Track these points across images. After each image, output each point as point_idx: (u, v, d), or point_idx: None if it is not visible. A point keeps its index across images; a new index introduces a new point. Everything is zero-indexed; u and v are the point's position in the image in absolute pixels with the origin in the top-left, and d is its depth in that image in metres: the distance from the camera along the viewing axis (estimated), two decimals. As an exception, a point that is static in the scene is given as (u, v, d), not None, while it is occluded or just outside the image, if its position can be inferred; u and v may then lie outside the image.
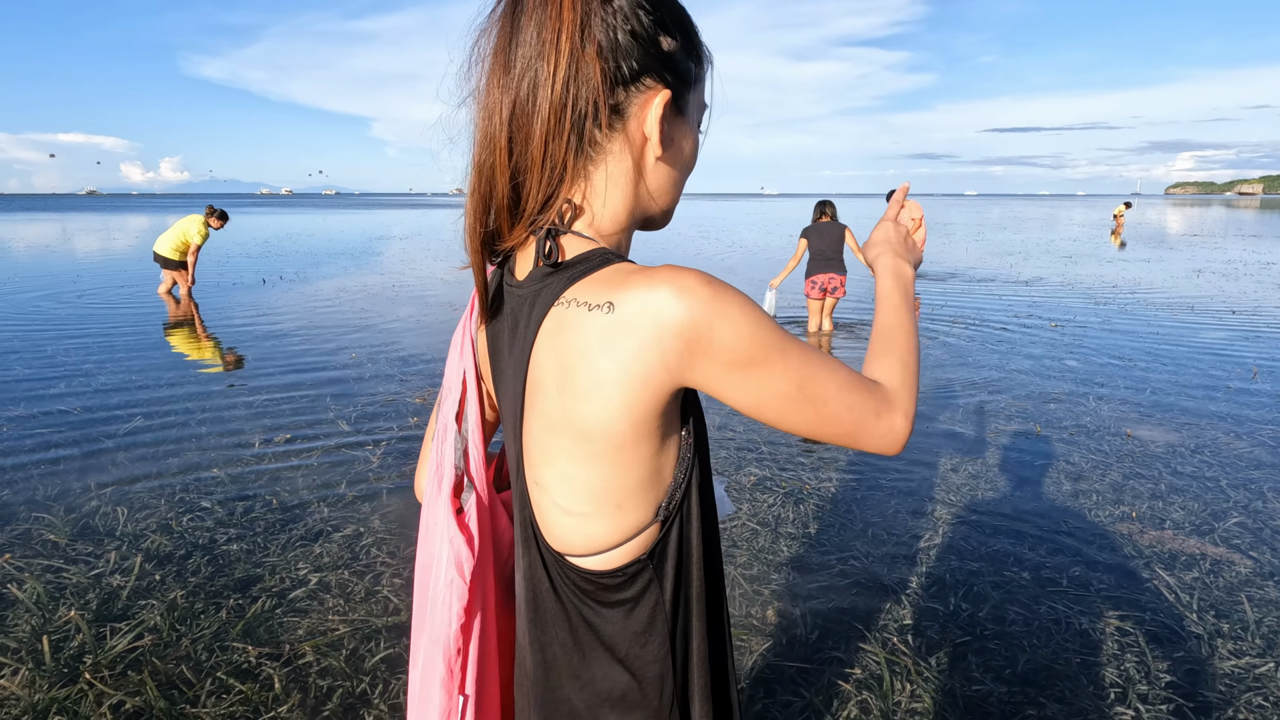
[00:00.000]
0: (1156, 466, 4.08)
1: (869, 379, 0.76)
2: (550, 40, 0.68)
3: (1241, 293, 11.01)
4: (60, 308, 9.54)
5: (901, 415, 0.76)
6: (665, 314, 0.64)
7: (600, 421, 0.68)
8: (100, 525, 3.37)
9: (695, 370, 0.66)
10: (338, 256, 17.77)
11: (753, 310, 0.67)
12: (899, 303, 0.91)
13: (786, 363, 0.68)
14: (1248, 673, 2.38)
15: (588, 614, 0.76)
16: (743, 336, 0.65)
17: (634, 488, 0.72)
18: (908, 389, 0.79)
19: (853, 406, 0.72)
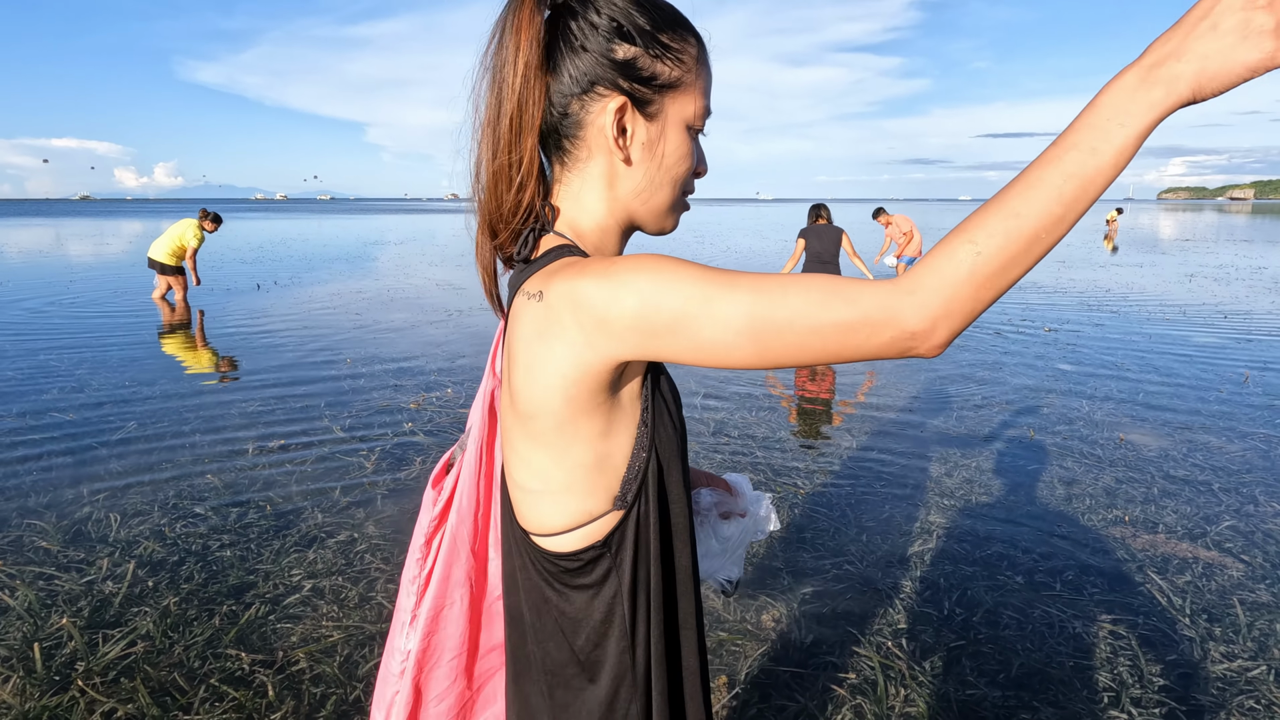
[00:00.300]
0: (1149, 470, 4.10)
1: (854, 280, 0.64)
2: (511, 54, 0.74)
3: (1233, 297, 11.07)
4: (53, 313, 9.51)
5: (915, 309, 0.60)
6: (579, 297, 0.68)
7: (539, 401, 0.72)
8: (92, 532, 3.36)
9: (620, 344, 0.68)
10: (332, 262, 17.75)
11: (657, 273, 0.66)
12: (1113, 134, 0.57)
13: (713, 311, 0.65)
14: (1240, 675, 2.39)
15: (551, 595, 0.79)
16: (652, 302, 0.65)
17: (579, 470, 0.74)
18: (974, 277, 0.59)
19: (823, 328, 0.63)
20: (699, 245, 22.81)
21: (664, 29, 0.78)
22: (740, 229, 35.50)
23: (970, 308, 0.60)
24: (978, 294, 0.59)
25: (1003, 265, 0.59)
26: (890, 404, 5.38)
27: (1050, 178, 0.57)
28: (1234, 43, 0.54)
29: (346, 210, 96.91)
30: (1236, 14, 0.54)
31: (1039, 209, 0.58)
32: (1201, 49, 0.54)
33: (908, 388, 5.83)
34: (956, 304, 0.60)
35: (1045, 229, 0.58)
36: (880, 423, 4.94)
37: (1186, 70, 0.55)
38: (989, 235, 0.58)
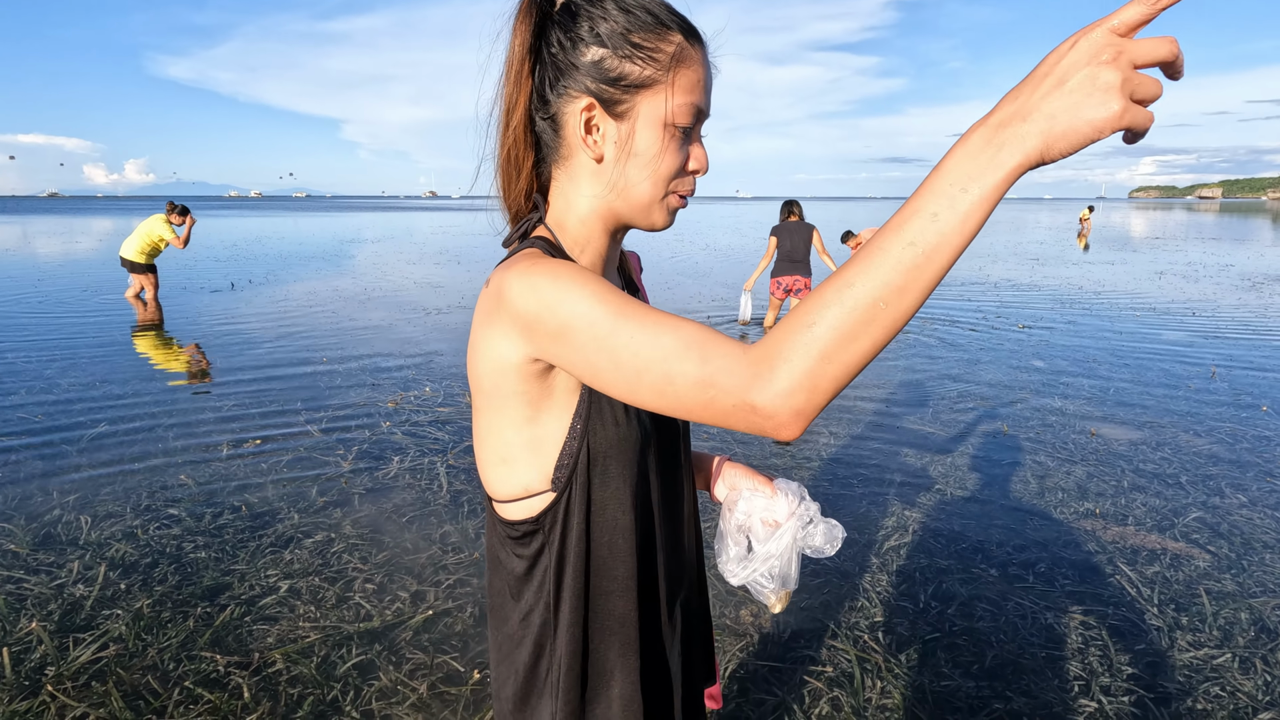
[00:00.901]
0: (1119, 464, 4.18)
1: (720, 339, 0.63)
2: (508, 55, 0.82)
3: (1201, 294, 11.30)
4: (20, 312, 9.32)
5: (765, 389, 0.58)
6: (503, 294, 0.73)
7: (477, 379, 0.80)
8: (63, 534, 3.30)
9: (528, 342, 0.74)
10: (308, 260, 17.56)
11: (564, 283, 0.70)
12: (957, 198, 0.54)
13: (594, 331, 0.67)
14: (1206, 664, 2.45)
15: (502, 555, 0.88)
16: (547, 308, 0.70)
17: (512, 447, 0.82)
18: (812, 355, 0.56)
19: (680, 376, 0.63)
20: (679, 244, 22.84)
21: (637, 29, 0.79)
22: (720, 227, 35.60)
23: (820, 387, 0.57)
24: (824, 373, 0.56)
25: (843, 341, 0.56)
26: (866, 400, 5.43)
27: (890, 246, 0.55)
28: (1080, 100, 0.50)
29: (323, 208, 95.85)
30: (1083, 70, 0.50)
31: (877, 280, 0.55)
32: (1048, 108, 0.51)
33: (884, 385, 5.89)
34: (802, 389, 0.57)
35: (885, 300, 0.55)
36: (857, 419, 4.98)
37: (1033, 130, 0.51)
38: (825, 312, 0.56)
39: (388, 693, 2.29)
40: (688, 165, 0.84)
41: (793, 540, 0.92)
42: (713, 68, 0.85)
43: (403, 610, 2.73)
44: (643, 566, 0.88)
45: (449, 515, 3.50)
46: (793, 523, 0.92)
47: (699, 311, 9.32)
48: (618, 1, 0.80)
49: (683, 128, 0.81)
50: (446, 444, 4.45)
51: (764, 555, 0.92)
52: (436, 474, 3.99)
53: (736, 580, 0.94)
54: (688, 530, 0.99)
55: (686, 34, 0.81)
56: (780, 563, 0.92)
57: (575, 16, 0.80)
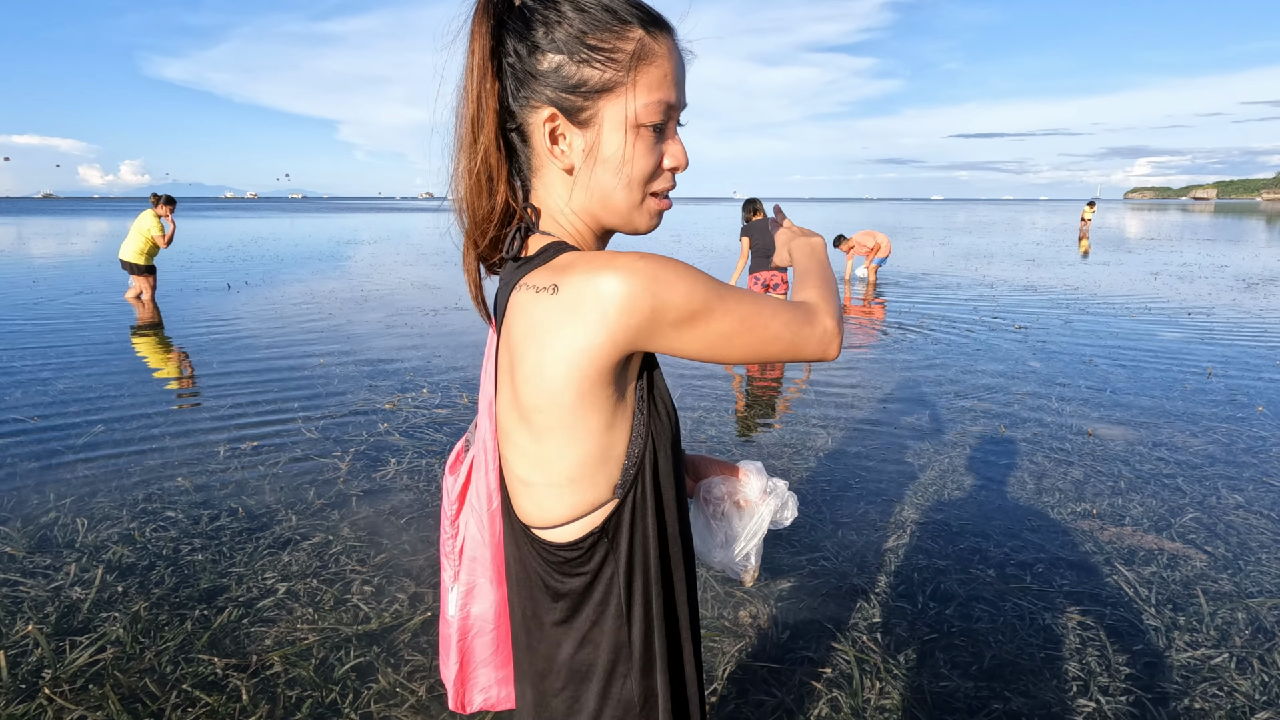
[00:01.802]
0: (1116, 465, 4.19)
1: (795, 301, 0.85)
2: (468, 62, 0.78)
3: (1197, 295, 11.33)
4: (16, 314, 9.29)
5: (828, 318, 0.83)
6: (607, 292, 0.70)
7: (547, 394, 0.73)
8: (59, 537, 3.29)
9: (650, 336, 0.73)
10: (305, 261, 17.53)
11: (686, 271, 0.73)
12: (809, 254, 0.99)
13: (725, 305, 0.75)
14: (1203, 664, 2.46)
15: (553, 584, 0.82)
16: (684, 295, 0.72)
17: (586, 462, 0.76)
18: (828, 302, 0.86)
19: (788, 323, 0.80)
20: (676, 245, 22.85)
21: (593, 30, 0.76)
22: (716, 228, 35.61)
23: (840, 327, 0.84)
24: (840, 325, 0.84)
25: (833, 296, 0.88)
26: (864, 402, 5.44)
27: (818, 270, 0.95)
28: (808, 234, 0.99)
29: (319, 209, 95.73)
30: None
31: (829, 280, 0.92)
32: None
33: (882, 386, 5.90)
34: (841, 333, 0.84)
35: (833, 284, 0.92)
36: (855, 420, 4.99)
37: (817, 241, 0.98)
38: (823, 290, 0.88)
39: (386, 695, 2.29)
40: (664, 163, 0.81)
41: (770, 517, 0.98)
42: (686, 54, 0.81)
43: (401, 612, 2.73)
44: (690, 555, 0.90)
45: (447, 517, 3.50)
46: (771, 500, 0.99)
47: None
48: (573, 1, 0.76)
49: (653, 125, 0.78)
50: (444, 445, 4.44)
51: (748, 534, 0.98)
52: (434, 476, 3.99)
53: (719, 565, 0.99)
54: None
55: (648, 25, 0.77)
56: (759, 540, 0.99)
57: (529, 22, 0.76)
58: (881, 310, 9.83)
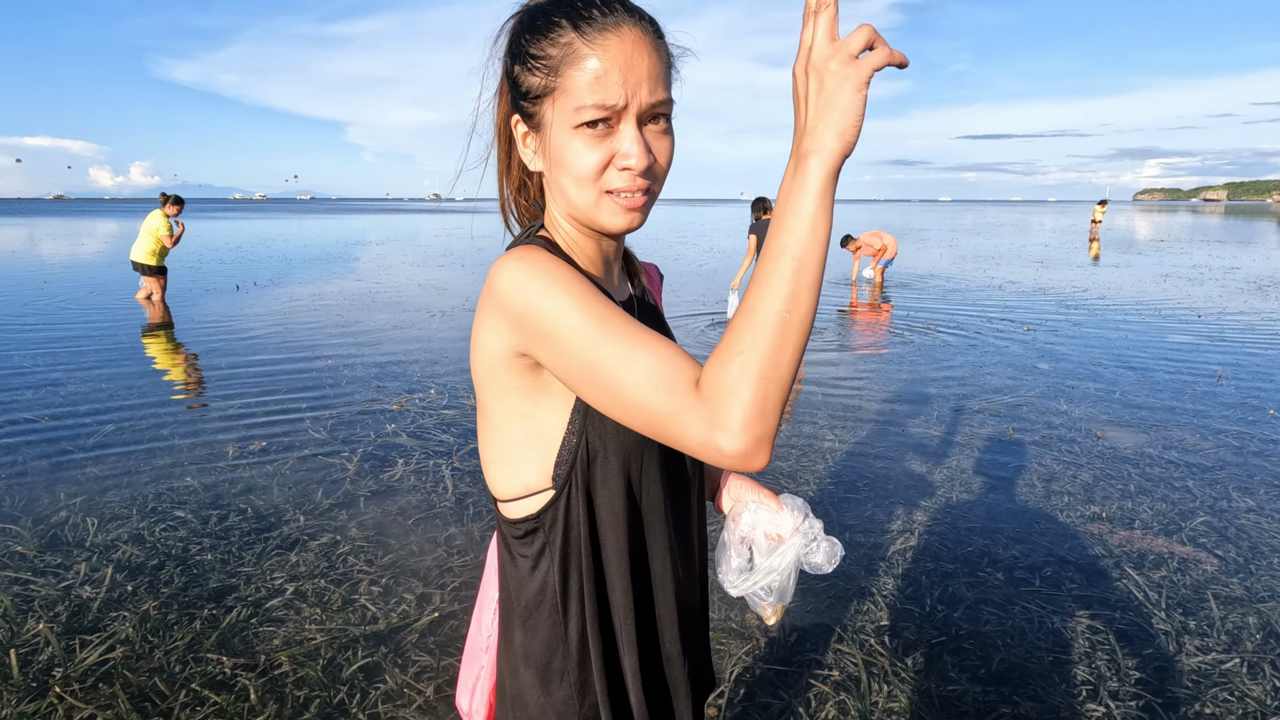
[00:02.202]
0: (1125, 468, 4.16)
1: (689, 372, 0.66)
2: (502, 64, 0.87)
3: (1207, 297, 11.26)
4: (27, 315, 9.35)
5: (725, 430, 0.62)
6: (495, 286, 0.75)
7: (476, 375, 0.82)
8: (69, 536, 3.31)
9: (516, 336, 0.75)
10: (313, 262, 17.60)
11: (551, 286, 0.72)
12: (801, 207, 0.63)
13: (575, 343, 0.70)
14: (1214, 669, 2.44)
15: (506, 558, 0.90)
16: (535, 308, 0.72)
17: (510, 444, 0.83)
18: (750, 380, 0.62)
19: (654, 388, 0.66)
20: (682, 246, 22.86)
21: (533, 38, 0.79)
22: (723, 229, 35.59)
23: (769, 408, 0.62)
24: (768, 393, 0.62)
25: (771, 357, 0.62)
26: (871, 404, 5.42)
27: (773, 267, 0.63)
28: (834, 91, 0.61)
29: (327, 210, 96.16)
30: (825, 74, 0.62)
31: (774, 296, 0.62)
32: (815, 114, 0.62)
33: (889, 387, 5.88)
34: (756, 416, 0.62)
35: (787, 309, 0.62)
36: (862, 423, 4.98)
37: (824, 135, 0.62)
38: (745, 338, 0.63)
39: (394, 695, 2.29)
40: (614, 161, 0.78)
41: (796, 556, 0.92)
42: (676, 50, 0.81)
43: (408, 613, 2.74)
44: (643, 567, 0.89)
45: (454, 518, 3.51)
46: (796, 539, 0.92)
47: (704, 312, 9.32)
48: (535, 9, 0.80)
49: (589, 123, 0.76)
50: (451, 446, 4.45)
51: (766, 569, 0.92)
52: (442, 476, 4.00)
53: (735, 591, 0.94)
54: (695, 534, 0.98)
55: (583, 24, 0.75)
56: (780, 577, 0.92)
57: (510, 34, 0.83)
58: (888, 312, 9.80)
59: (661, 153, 0.80)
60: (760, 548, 0.94)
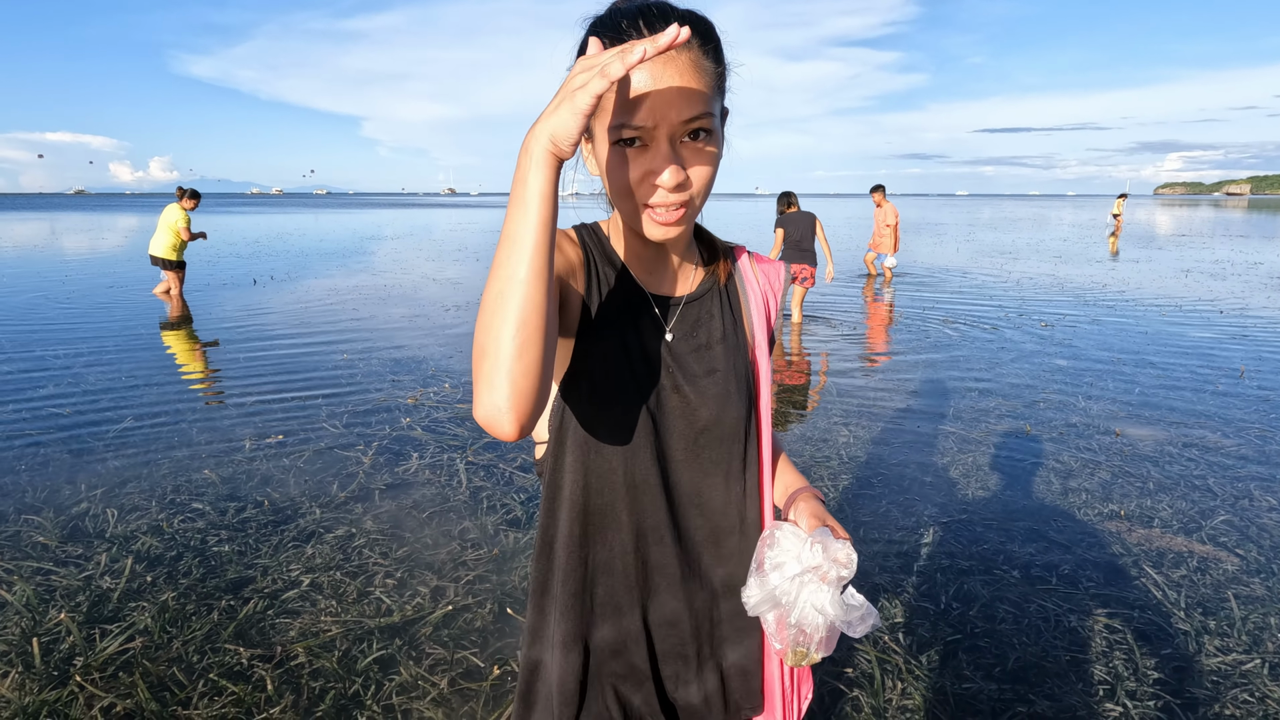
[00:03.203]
0: (1145, 465, 4.12)
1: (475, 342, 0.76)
2: None
3: (1229, 292, 11.10)
4: (49, 308, 9.48)
5: (476, 403, 0.72)
6: None
7: None
8: (90, 527, 3.35)
9: None
10: (329, 256, 17.71)
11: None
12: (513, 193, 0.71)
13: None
14: (1234, 669, 2.41)
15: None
16: None
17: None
18: (477, 356, 0.73)
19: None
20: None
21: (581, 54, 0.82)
22: (739, 224, 35.48)
23: (493, 379, 0.70)
24: (490, 364, 0.70)
25: (483, 327, 0.71)
26: (887, 399, 5.39)
27: (498, 257, 0.71)
28: (559, 102, 0.67)
29: (343, 205, 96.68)
30: (564, 85, 0.69)
31: (492, 274, 0.71)
32: (547, 112, 0.68)
33: (905, 383, 5.84)
34: (484, 386, 0.71)
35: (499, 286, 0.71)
36: (877, 418, 4.95)
37: (540, 129, 0.68)
38: (477, 323, 0.73)
39: (408, 687, 2.31)
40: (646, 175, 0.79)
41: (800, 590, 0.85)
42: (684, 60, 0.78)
43: (423, 605, 2.75)
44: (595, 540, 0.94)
45: (468, 511, 3.52)
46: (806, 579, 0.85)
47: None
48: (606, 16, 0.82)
49: (623, 140, 0.78)
50: (466, 440, 4.47)
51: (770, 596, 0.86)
52: (456, 470, 4.01)
53: (749, 607, 0.89)
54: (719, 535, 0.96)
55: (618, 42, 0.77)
56: (800, 616, 0.86)
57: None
58: (889, 308, 9.73)
59: (698, 170, 0.80)
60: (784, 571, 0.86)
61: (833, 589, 0.85)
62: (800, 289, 8.24)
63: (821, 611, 0.85)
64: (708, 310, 0.97)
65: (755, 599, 0.88)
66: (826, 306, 9.65)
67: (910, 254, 17.94)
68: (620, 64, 0.64)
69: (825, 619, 0.85)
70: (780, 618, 0.87)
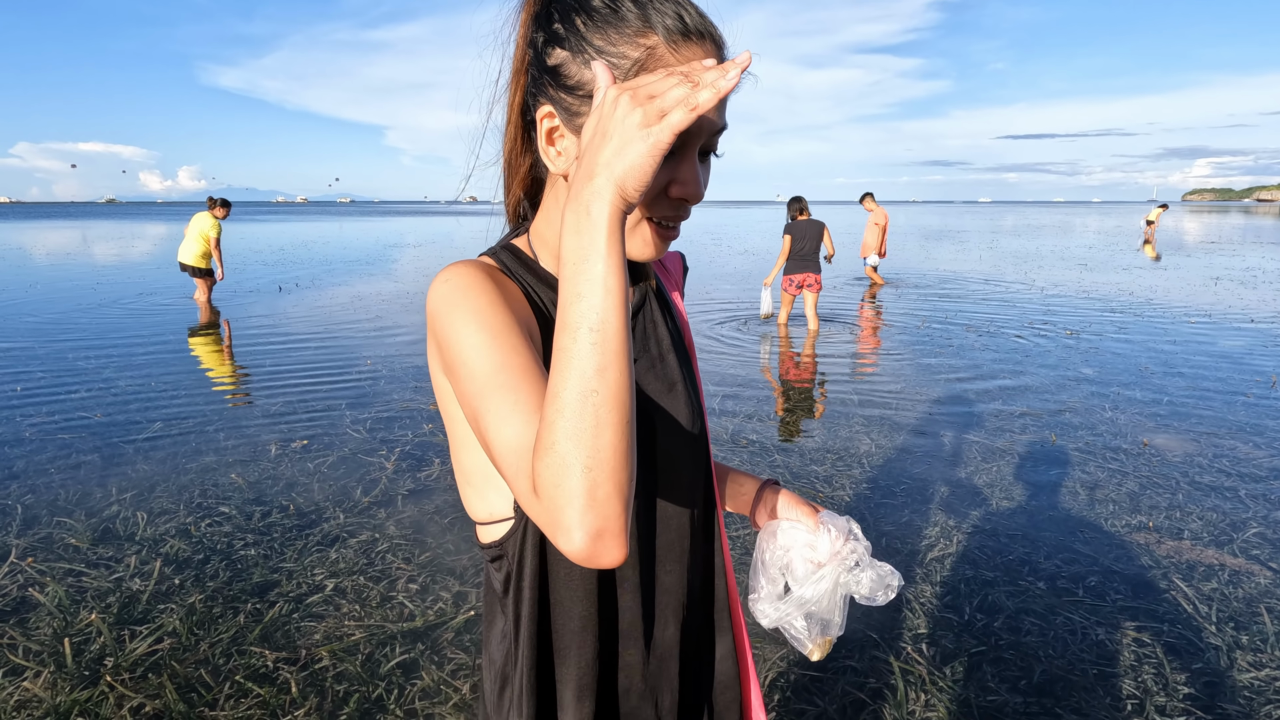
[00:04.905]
0: (1174, 476, 4.05)
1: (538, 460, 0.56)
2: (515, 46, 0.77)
3: (1261, 300, 10.90)
4: (81, 315, 9.68)
5: (560, 530, 0.54)
6: (427, 302, 0.71)
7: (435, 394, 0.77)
8: (120, 530, 3.41)
9: (441, 359, 0.70)
10: (353, 264, 17.92)
11: (468, 314, 0.66)
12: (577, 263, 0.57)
13: (471, 384, 0.64)
14: (1268, 685, 2.36)
15: (490, 576, 0.82)
16: (446, 336, 0.67)
17: (475, 469, 0.77)
18: (570, 475, 0.54)
19: (510, 477, 0.60)
20: (716, 249, 22.79)
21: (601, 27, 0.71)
22: (758, 231, 35.42)
23: (600, 497, 0.54)
24: (597, 483, 0.54)
25: (587, 444, 0.54)
26: (910, 408, 5.35)
27: (569, 344, 0.56)
28: (623, 141, 0.55)
29: (367, 213, 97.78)
30: (613, 120, 0.56)
31: (577, 375, 0.55)
32: (603, 159, 0.56)
33: (927, 392, 5.79)
34: (590, 514, 0.54)
35: (594, 387, 0.55)
36: (899, 427, 4.91)
37: (601, 182, 0.56)
38: (555, 428, 0.54)
39: (431, 692, 2.32)
40: (670, 190, 0.69)
41: (834, 585, 0.81)
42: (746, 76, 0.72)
43: (445, 610, 2.77)
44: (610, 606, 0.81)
45: (490, 517, 3.54)
46: (834, 565, 0.82)
47: (738, 314, 9.27)
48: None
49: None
50: (487, 447, 4.50)
51: (799, 599, 0.82)
52: (477, 476, 4.04)
53: (767, 622, 0.84)
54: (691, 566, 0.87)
55: (674, 34, 0.66)
56: (819, 608, 0.82)
57: (550, 11, 0.70)
58: (875, 311, 9.65)
59: (706, 185, 0.73)
60: (796, 574, 0.83)
61: (863, 568, 0.82)
62: (811, 295, 8.25)
63: (858, 593, 0.81)
64: (651, 320, 0.87)
65: (773, 613, 0.82)
66: (843, 314, 9.61)
67: (933, 261, 17.80)
68: (712, 93, 0.54)
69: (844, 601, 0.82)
70: (805, 617, 0.83)
